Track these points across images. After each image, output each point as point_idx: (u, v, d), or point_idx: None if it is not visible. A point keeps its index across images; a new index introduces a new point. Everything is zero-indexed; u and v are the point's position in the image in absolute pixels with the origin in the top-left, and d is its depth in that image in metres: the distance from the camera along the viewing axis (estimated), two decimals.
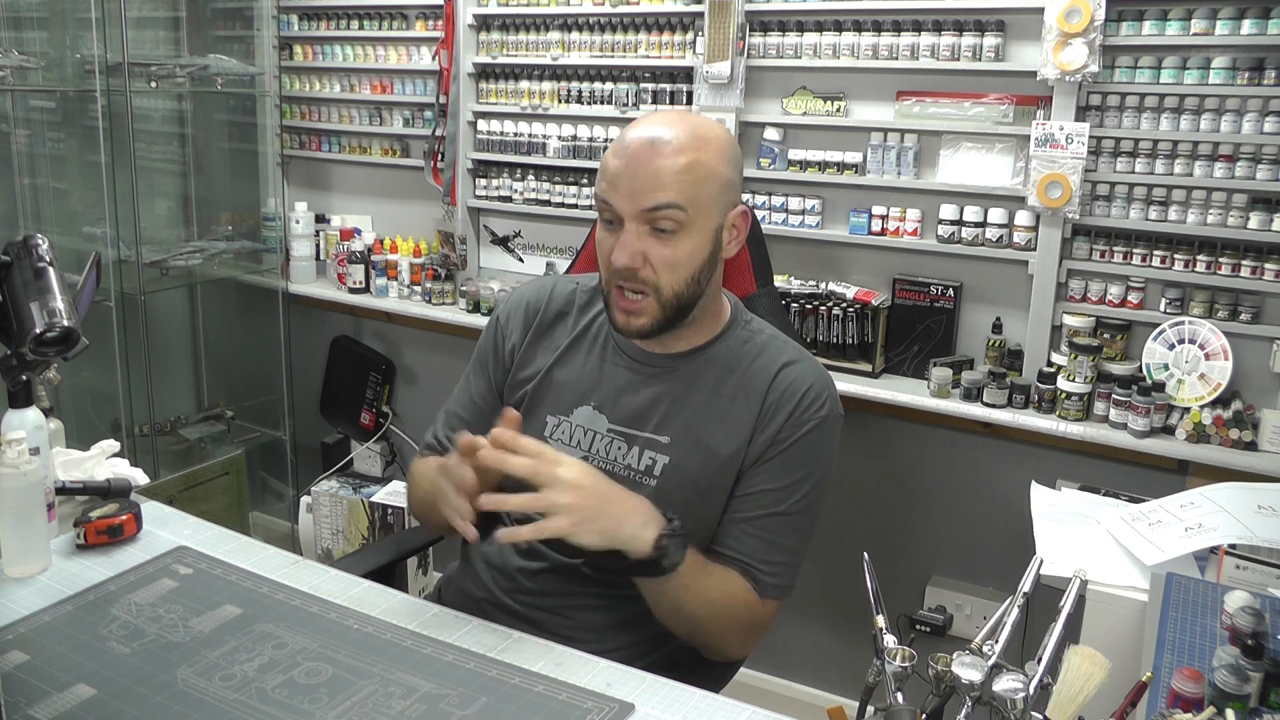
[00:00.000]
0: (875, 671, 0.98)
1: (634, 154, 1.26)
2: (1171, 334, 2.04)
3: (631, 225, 1.27)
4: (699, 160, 1.26)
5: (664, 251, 1.27)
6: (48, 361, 1.28)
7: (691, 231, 1.28)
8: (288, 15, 3.11)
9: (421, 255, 2.95)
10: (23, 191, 2.81)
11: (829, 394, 1.36)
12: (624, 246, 1.27)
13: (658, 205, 1.25)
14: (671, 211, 1.26)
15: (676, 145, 1.26)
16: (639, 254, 1.27)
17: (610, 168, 1.28)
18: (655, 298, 1.29)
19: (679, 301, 1.30)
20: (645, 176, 1.25)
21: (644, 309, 1.30)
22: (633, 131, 1.29)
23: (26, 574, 1.23)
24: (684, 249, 1.28)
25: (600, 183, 1.30)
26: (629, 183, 1.26)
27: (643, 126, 1.29)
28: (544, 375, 1.42)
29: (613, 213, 1.28)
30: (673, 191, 1.25)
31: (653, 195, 1.25)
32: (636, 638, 1.35)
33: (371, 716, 0.99)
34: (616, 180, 1.27)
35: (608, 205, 1.28)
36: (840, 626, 2.51)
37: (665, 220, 1.26)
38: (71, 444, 1.50)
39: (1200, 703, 1.03)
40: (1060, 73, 2.04)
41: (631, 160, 1.26)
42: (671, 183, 1.25)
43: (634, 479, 1.35)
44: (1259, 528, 1.50)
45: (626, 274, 1.28)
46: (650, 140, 1.26)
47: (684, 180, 1.25)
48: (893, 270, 2.37)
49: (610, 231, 1.30)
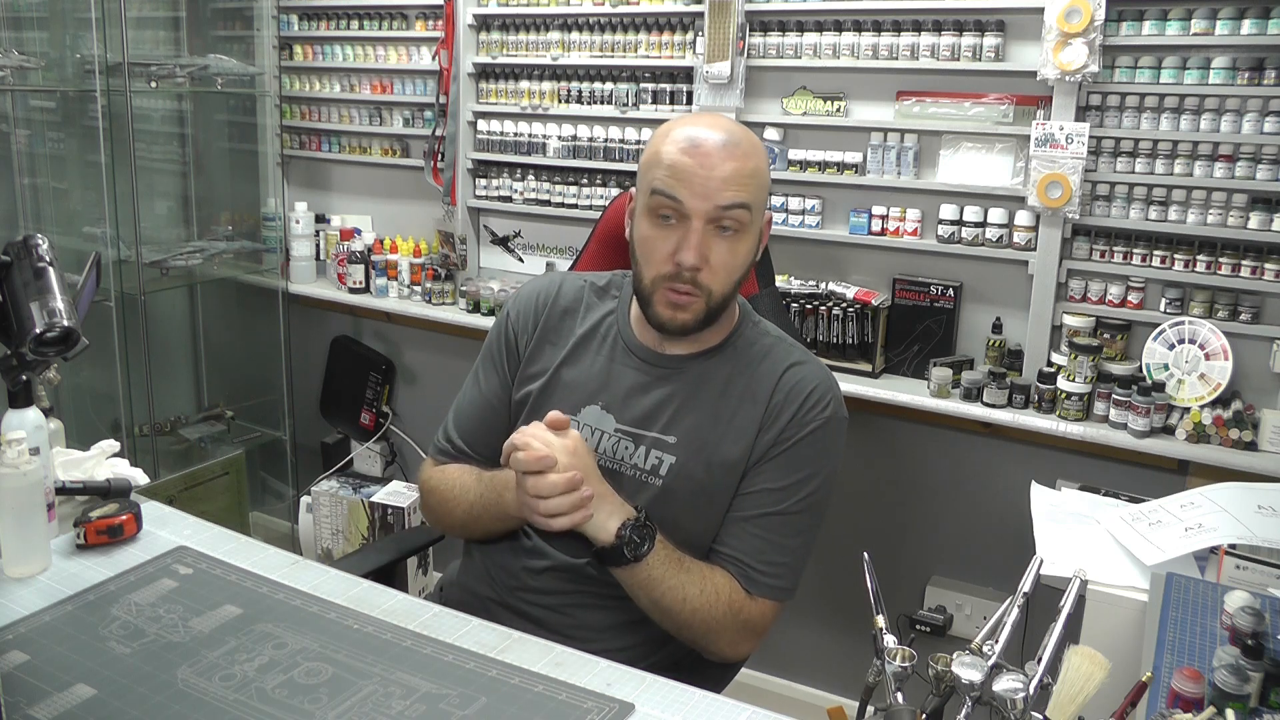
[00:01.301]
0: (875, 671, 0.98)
1: (707, 152, 1.27)
2: (1171, 334, 2.04)
3: (699, 224, 1.27)
4: (759, 166, 1.31)
5: (725, 254, 1.29)
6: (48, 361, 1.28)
7: (748, 234, 1.31)
8: (288, 15, 3.11)
9: (421, 255, 2.95)
10: (23, 191, 2.81)
11: (833, 396, 1.37)
12: (692, 245, 1.27)
13: (729, 205, 1.27)
14: (739, 212, 1.28)
15: (745, 149, 1.29)
16: (705, 255, 1.28)
17: (677, 163, 1.27)
18: (705, 300, 1.31)
19: (723, 303, 1.33)
20: (719, 176, 1.26)
21: (692, 306, 1.31)
22: (693, 130, 1.29)
23: (26, 574, 1.23)
24: (741, 251, 1.31)
25: (664, 178, 1.28)
26: (703, 181, 1.26)
27: (702, 127, 1.29)
28: (552, 374, 1.43)
29: (679, 209, 1.27)
30: (746, 193, 1.28)
31: (730, 194, 1.26)
32: (639, 638, 1.35)
33: (371, 716, 0.99)
34: (689, 177, 1.26)
35: (674, 201, 1.27)
36: (840, 626, 2.51)
37: (732, 221, 1.28)
38: (71, 444, 1.50)
39: (1200, 703, 1.03)
40: (1060, 73, 2.04)
41: (704, 158, 1.26)
42: (743, 184, 1.27)
43: (640, 479, 1.35)
44: (1259, 528, 1.50)
45: (688, 274, 1.28)
46: (721, 141, 1.28)
47: (752, 183, 1.28)
48: (893, 270, 2.37)
49: (663, 228, 1.29)
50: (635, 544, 1.25)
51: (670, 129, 1.32)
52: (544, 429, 1.27)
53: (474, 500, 1.41)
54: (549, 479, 1.22)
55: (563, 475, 1.22)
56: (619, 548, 1.25)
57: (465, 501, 1.42)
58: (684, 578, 1.28)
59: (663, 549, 1.28)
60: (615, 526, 1.25)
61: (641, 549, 1.25)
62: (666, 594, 1.27)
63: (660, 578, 1.27)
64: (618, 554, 1.25)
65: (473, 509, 1.41)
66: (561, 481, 1.22)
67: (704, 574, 1.30)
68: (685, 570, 1.29)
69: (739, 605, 1.31)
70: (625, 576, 1.28)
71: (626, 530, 1.25)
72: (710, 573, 1.31)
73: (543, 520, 1.24)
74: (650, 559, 1.26)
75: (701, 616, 1.29)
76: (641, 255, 1.33)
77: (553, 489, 1.22)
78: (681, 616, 1.29)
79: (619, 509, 1.27)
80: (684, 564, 1.29)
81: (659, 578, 1.27)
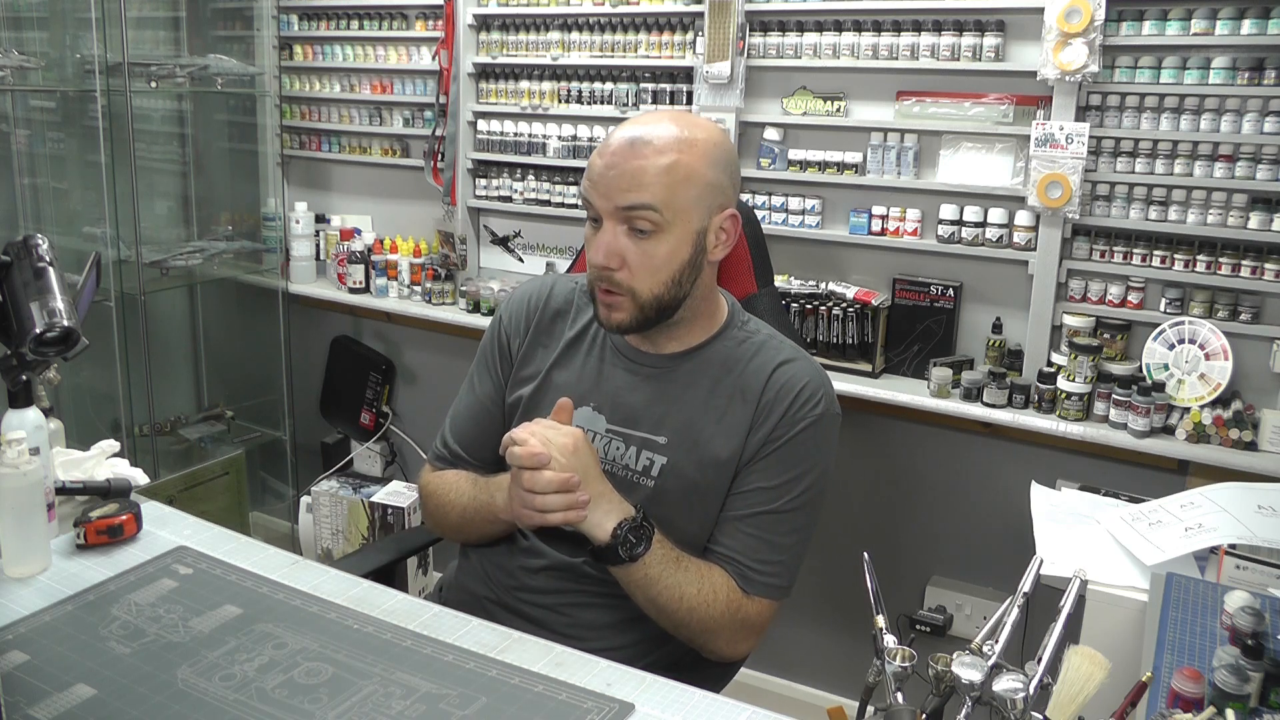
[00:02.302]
0: (875, 671, 0.98)
1: (615, 153, 1.28)
2: (1171, 334, 2.04)
3: (609, 224, 1.29)
4: (680, 162, 1.27)
5: (639, 253, 1.29)
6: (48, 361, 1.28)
7: (669, 233, 1.28)
8: (288, 15, 3.10)
9: (421, 255, 2.95)
10: (23, 191, 2.81)
11: (825, 392, 1.37)
12: (600, 245, 1.29)
13: (633, 205, 1.26)
14: (646, 212, 1.27)
15: (658, 146, 1.27)
16: (616, 254, 1.28)
17: (593, 166, 1.30)
18: (630, 298, 1.31)
19: (658, 303, 1.31)
20: (623, 176, 1.26)
21: (621, 305, 1.31)
22: (619, 130, 1.31)
23: (26, 574, 1.23)
24: (661, 251, 1.29)
25: (584, 180, 1.31)
26: (608, 182, 1.27)
27: (629, 126, 1.31)
28: (543, 377, 1.43)
29: (593, 210, 1.30)
30: (649, 193, 1.26)
31: (629, 195, 1.26)
32: (637, 637, 1.36)
33: (371, 716, 0.99)
34: (597, 178, 1.29)
35: (588, 203, 1.31)
36: (840, 626, 2.51)
37: (641, 221, 1.27)
38: (71, 444, 1.50)
39: (1200, 703, 1.03)
40: (1060, 73, 2.04)
41: (612, 159, 1.28)
42: (649, 183, 1.26)
43: (632, 479, 1.35)
44: (1259, 528, 1.50)
45: (602, 273, 1.30)
46: (632, 140, 1.28)
47: (661, 182, 1.26)
48: (893, 270, 2.37)
49: (593, 230, 1.32)
50: (631, 544, 1.25)
51: (611, 130, 1.35)
52: (546, 425, 1.27)
53: (466, 504, 1.41)
54: (543, 475, 1.21)
55: (557, 475, 1.22)
56: (614, 547, 1.25)
57: (459, 505, 1.42)
58: (681, 576, 1.28)
59: (660, 548, 1.28)
60: (612, 525, 1.25)
61: (637, 549, 1.25)
62: (663, 593, 1.27)
63: (657, 577, 1.27)
64: (613, 553, 1.25)
65: (465, 512, 1.41)
66: (555, 479, 1.21)
67: (702, 573, 1.30)
68: (683, 569, 1.29)
69: (737, 604, 1.31)
70: (622, 575, 1.28)
71: (623, 530, 1.25)
72: (709, 571, 1.31)
73: (533, 515, 1.23)
74: (647, 558, 1.26)
75: (699, 615, 1.29)
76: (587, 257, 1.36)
77: (547, 485, 1.21)
78: (679, 615, 1.29)
79: (617, 508, 1.27)
80: (682, 563, 1.29)
81: (655, 577, 1.27)
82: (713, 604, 1.29)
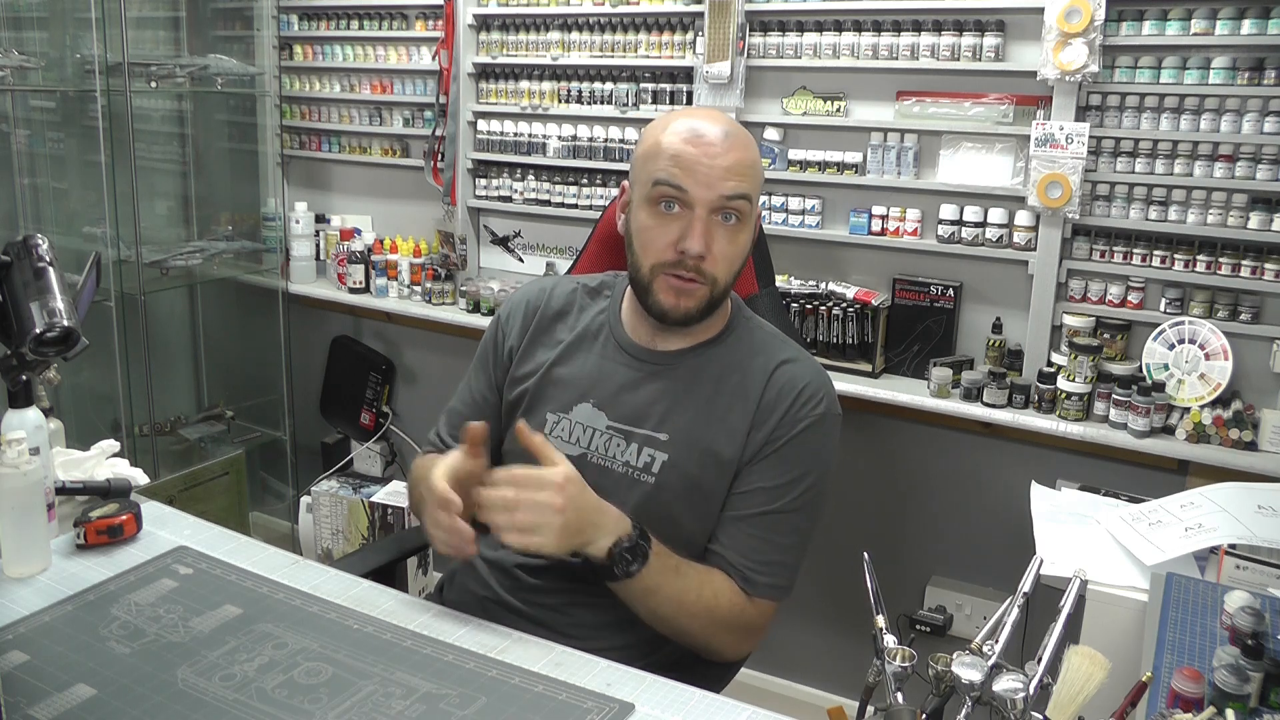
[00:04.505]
0: (875, 671, 0.98)
1: (710, 142, 1.29)
2: (1171, 334, 2.04)
3: (702, 212, 1.29)
4: (757, 159, 1.34)
5: (727, 245, 1.31)
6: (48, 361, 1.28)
7: (748, 224, 1.33)
8: (288, 15, 3.11)
9: (421, 255, 2.95)
10: (23, 191, 2.82)
11: (825, 392, 1.37)
12: (697, 234, 1.28)
13: (733, 195, 1.29)
14: (741, 202, 1.30)
15: (743, 141, 1.32)
16: (709, 243, 1.29)
17: (683, 153, 1.28)
18: (710, 288, 1.32)
19: (724, 295, 1.35)
20: (722, 166, 1.28)
21: (696, 293, 1.32)
22: (694, 121, 1.31)
23: (26, 574, 1.23)
24: (741, 241, 1.33)
25: (668, 168, 1.29)
26: (707, 170, 1.28)
27: (701, 120, 1.32)
28: (544, 373, 1.43)
29: (683, 198, 1.29)
30: (748, 183, 1.30)
31: (731, 184, 1.28)
32: (637, 636, 1.35)
33: (371, 716, 0.99)
34: (693, 166, 1.28)
35: (679, 190, 1.28)
36: (840, 626, 2.51)
37: (734, 210, 1.30)
38: (71, 444, 1.50)
39: (1200, 703, 1.03)
40: (1060, 73, 2.04)
41: (708, 148, 1.28)
42: (744, 175, 1.30)
43: (632, 476, 1.35)
44: (1259, 528, 1.50)
45: (693, 262, 1.29)
46: (723, 132, 1.30)
47: (751, 174, 1.31)
48: (893, 270, 2.37)
49: (664, 219, 1.30)
50: (626, 562, 1.22)
51: (668, 121, 1.33)
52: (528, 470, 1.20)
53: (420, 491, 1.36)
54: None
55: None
56: (609, 568, 1.23)
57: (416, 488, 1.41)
58: (681, 584, 1.27)
59: (658, 559, 1.24)
60: (608, 545, 1.21)
61: (632, 567, 1.23)
62: (664, 603, 1.26)
63: (655, 588, 1.25)
64: (608, 573, 1.24)
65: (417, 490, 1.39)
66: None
67: (702, 578, 1.29)
68: (683, 577, 1.27)
69: (739, 607, 1.30)
70: (620, 590, 1.26)
71: (618, 549, 1.22)
72: (709, 576, 1.30)
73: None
74: (644, 573, 1.23)
75: (701, 621, 1.28)
76: (640, 245, 1.33)
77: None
78: (679, 622, 1.28)
79: (614, 526, 1.23)
80: (681, 570, 1.27)
81: (653, 588, 1.25)
82: (714, 609, 1.28)
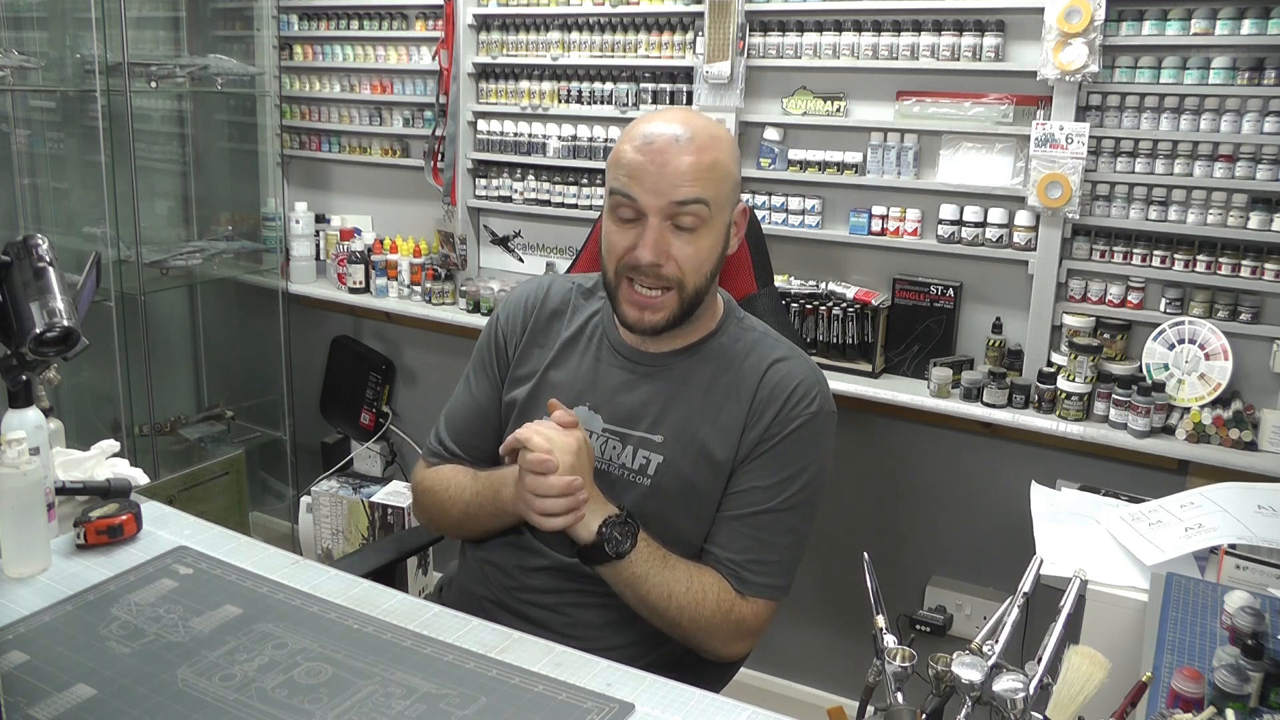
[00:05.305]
0: (875, 671, 0.98)
1: (660, 149, 1.27)
2: (1171, 334, 2.04)
3: (655, 220, 1.28)
4: (718, 159, 1.29)
5: (687, 248, 1.29)
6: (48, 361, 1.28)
7: (711, 228, 1.30)
8: (288, 15, 3.10)
9: (421, 255, 2.95)
10: (23, 191, 2.81)
11: (819, 390, 1.36)
12: (648, 243, 1.27)
13: (684, 200, 1.27)
14: (696, 207, 1.27)
15: (699, 143, 1.28)
16: (664, 250, 1.28)
17: (632, 162, 1.28)
18: (678, 293, 1.30)
19: (697, 298, 1.33)
20: (672, 172, 1.26)
21: (663, 304, 1.31)
22: (650, 127, 1.29)
23: (26, 574, 1.23)
24: (704, 245, 1.30)
25: (619, 177, 1.29)
26: (655, 178, 1.26)
27: (659, 123, 1.30)
28: (540, 376, 1.43)
29: (634, 207, 1.28)
30: (700, 187, 1.27)
31: (680, 190, 1.26)
32: (636, 636, 1.35)
33: (371, 716, 0.99)
34: (640, 174, 1.27)
35: (629, 199, 1.28)
36: (840, 626, 2.51)
37: (689, 216, 1.28)
38: (71, 444, 1.50)
39: (1200, 703, 1.03)
40: (1060, 73, 2.04)
41: (657, 155, 1.27)
42: (697, 179, 1.27)
43: (628, 478, 1.35)
44: (1259, 528, 1.50)
45: (649, 270, 1.28)
46: (675, 136, 1.27)
47: (708, 177, 1.27)
48: (893, 270, 2.37)
49: (623, 226, 1.30)
50: (616, 540, 1.25)
51: (633, 127, 1.32)
52: (551, 427, 1.27)
53: (470, 499, 1.41)
54: (549, 480, 1.22)
55: (562, 479, 1.22)
56: (600, 545, 1.25)
57: (461, 500, 1.42)
58: (669, 575, 1.28)
59: (646, 547, 1.28)
60: (596, 524, 1.25)
61: (623, 545, 1.26)
62: (652, 591, 1.28)
63: (644, 574, 1.27)
64: (599, 551, 1.26)
65: (469, 507, 1.41)
66: (560, 484, 1.22)
67: (690, 572, 1.30)
68: (670, 567, 1.29)
69: (729, 605, 1.31)
70: (609, 574, 1.28)
71: (608, 528, 1.25)
72: (698, 572, 1.31)
73: (538, 518, 1.24)
74: (633, 556, 1.26)
75: (690, 615, 1.29)
76: (605, 251, 1.34)
77: (550, 489, 1.22)
78: (669, 614, 1.29)
79: (601, 507, 1.28)
80: (669, 561, 1.29)
81: (643, 574, 1.27)
82: (702, 603, 1.29)
